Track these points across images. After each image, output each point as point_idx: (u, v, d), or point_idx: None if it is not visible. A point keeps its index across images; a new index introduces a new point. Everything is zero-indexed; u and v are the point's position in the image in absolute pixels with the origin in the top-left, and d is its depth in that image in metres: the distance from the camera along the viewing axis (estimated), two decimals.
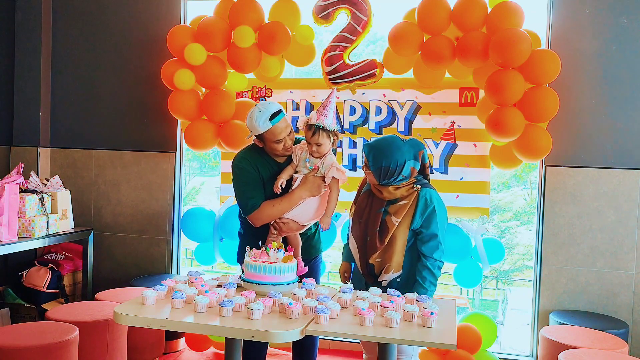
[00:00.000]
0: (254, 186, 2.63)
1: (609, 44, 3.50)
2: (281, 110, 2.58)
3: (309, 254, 2.80)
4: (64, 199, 3.79)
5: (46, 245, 3.69)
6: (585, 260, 3.54)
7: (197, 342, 3.81)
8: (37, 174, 4.15)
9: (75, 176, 4.36)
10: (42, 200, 3.60)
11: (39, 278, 3.90)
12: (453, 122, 3.65)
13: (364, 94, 3.77)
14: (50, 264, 4.00)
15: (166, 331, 3.62)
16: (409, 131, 3.71)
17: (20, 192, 3.45)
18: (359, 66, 3.63)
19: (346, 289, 2.34)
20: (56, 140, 4.41)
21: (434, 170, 3.64)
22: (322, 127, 2.55)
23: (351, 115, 3.80)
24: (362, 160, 3.75)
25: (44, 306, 3.82)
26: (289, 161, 2.71)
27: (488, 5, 3.31)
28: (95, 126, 4.35)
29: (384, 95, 3.75)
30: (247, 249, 2.49)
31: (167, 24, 4.06)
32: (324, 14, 3.64)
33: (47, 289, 3.89)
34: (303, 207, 2.64)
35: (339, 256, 2.85)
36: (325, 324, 2.04)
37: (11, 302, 3.89)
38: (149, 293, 2.22)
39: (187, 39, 3.72)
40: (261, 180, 2.65)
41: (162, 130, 4.19)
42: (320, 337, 3.03)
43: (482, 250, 3.50)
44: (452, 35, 3.40)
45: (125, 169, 4.28)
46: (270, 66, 3.75)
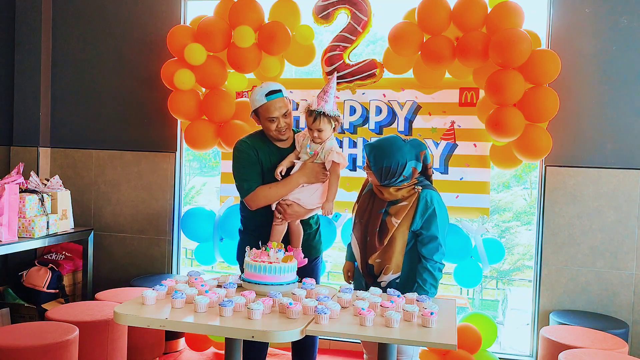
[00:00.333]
0: (252, 169, 2.66)
1: (609, 44, 3.50)
2: (281, 91, 2.63)
3: (310, 254, 2.79)
4: (64, 199, 3.79)
5: (46, 245, 3.69)
6: (585, 260, 3.54)
7: (197, 342, 3.81)
8: (37, 174, 4.15)
9: (75, 176, 4.36)
10: (42, 200, 3.60)
11: (39, 278, 3.90)
12: (453, 122, 3.65)
13: (364, 94, 3.77)
14: (50, 264, 4.00)
15: (166, 331, 3.62)
16: (409, 131, 3.71)
17: (20, 192, 3.45)
18: (359, 66, 3.63)
19: (346, 289, 2.35)
20: (56, 140, 4.41)
21: (434, 171, 3.64)
22: (323, 113, 2.56)
23: (351, 115, 3.80)
24: (363, 160, 3.76)
25: (44, 306, 3.82)
26: (291, 149, 2.73)
27: (488, 5, 3.31)
28: (95, 126, 4.35)
29: (384, 95, 3.75)
30: (247, 249, 2.49)
31: (167, 24, 4.06)
32: (324, 14, 3.64)
33: (47, 289, 3.89)
34: (308, 192, 2.64)
35: (339, 256, 2.86)
36: (325, 324, 2.04)
37: (11, 302, 3.89)
38: (149, 293, 2.22)
39: (187, 39, 3.72)
40: (259, 164, 2.67)
41: (162, 130, 4.19)
42: (320, 337, 3.03)
43: (482, 250, 3.50)
44: (452, 35, 3.40)
45: (125, 169, 4.28)
46: (270, 66, 3.75)
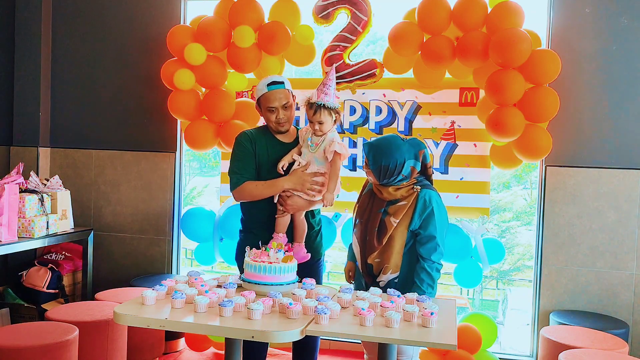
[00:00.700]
0: (244, 163, 2.69)
1: (609, 44, 3.50)
2: (283, 83, 2.69)
3: (311, 255, 2.79)
4: (64, 199, 3.79)
5: (46, 245, 3.69)
6: (586, 260, 3.54)
7: (197, 342, 3.81)
8: (37, 174, 4.15)
9: (75, 176, 4.36)
10: (42, 200, 3.60)
11: (39, 278, 3.90)
12: (453, 122, 3.65)
13: (364, 94, 3.77)
14: (50, 264, 3.99)
15: (166, 331, 3.62)
16: (409, 131, 3.71)
17: (20, 192, 3.45)
18: (359, 66, 3.63)
19: (346, 289, 2.34)
20: (56, 140, 4.41)
21: (433, 170, 3.63)
22: (323, 105, 2.58)
23: (351, 115, 3.80)
24: (363, 160, 3.76)
25: (43, 306, 3.81)
26: (293, 142, 2.75)
27: (488, 5, 3.31)
28: (95, 126, 4.35)
29: (384, 95, 3.75)
30: (247, 249, 2.49)
31: (167, 24, 4.06)
32: (324, 14, 3.64)
33: (47, 289, 3.89)
34: None
35: (339, 256, 2.85)
36: (325, 324, 2.04)
37: (11, 302, 3.89)
38: (149, 293, 2.22)
39: (187, 39, 3.72)
40: (255, 157, 2.69)
41: (162, 130, 4.19)
42: (320, 337, 3.03)
43: (482, 250, 3.50)
44: (452, 35, 3.40)
45: (125, 169, 4.27)
46: (270, 66, 3.75)
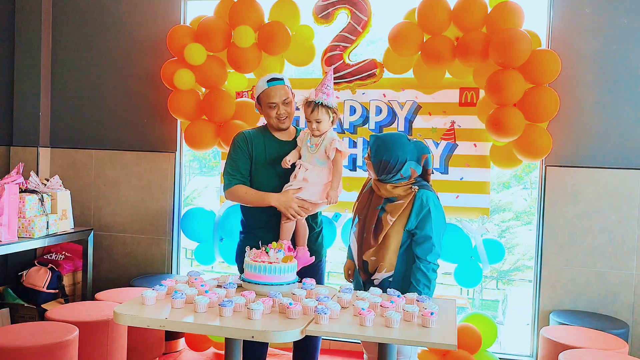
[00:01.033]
0: (239, 165, 2.72)
1: (609, 44, 3.50)
2: (283, 79, 2.72)
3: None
4: (64, 199, 3.79)
5: (46, 245, 3.69)
6: (586, 260, 3.54)
7: (197, 342, 3.81)
8: (37, 174, 4.15)
9: (75, 176, 4.36)
10: (42, 201, 3.59)
11: (39, 278, 3.90)
12: (453, 122, 3.65)
13: (364, 94, 3.77)
14: (50, 264, 3.99)
15: (166, 331, 3.62)
16: (409, 131, 3.71)
17: (20, 192, 3.45)
18: (359, 66, 3.63)
19: (346, 289, 2.35)
20: (56, 140, 4.41)
21: (433, 171, 3.64)
22: (321, 103, 2.59)
23: (351, 115, 3.80)
24: (363, 161, 3.76)
25: (43, 306, 3.81)
26: (292, 142, 2.77)
27: (488, 5, 3.31)
28: (95, 126, 4.34)
29: (384, 95, 3.75)
30: (247, 249, 2.49)
31: (167, 24, 4.06)
32: (324, 14, 3.64)
33: (47, 289, 3.89)
34: (312, 186, 2.64)
35: (339, 256, 2.85)
36: (325, 324, 2.04)
37: (11, 302, 3.89)
38: (149, 293, 2.22)
39: (187, 39, 3.72)
40: (249, 157, 2.72)
41: (162, 130, 4.19)
42: (320, 337, 3.03)
43: (482, 250, 3.50)
44: (452, 35, 3.40)
45: (125, 169, 4.27)
46: (270, 66, 3.75)
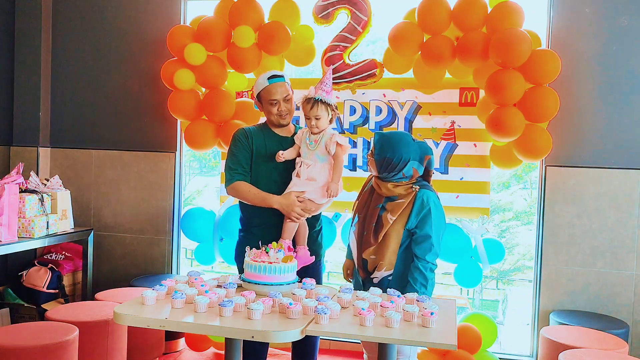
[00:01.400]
0: (240, 159, 2.73)
1: (609, 44, 3.50)
2: (283, 76, 2.74)
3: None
4: (64, 199, 3.79)
5: (46, 245, 3.69)
6: (586, 261, 3.54)
7: (197, 342, 3.81)
8: (37, 174, 4.15)
9: (75, 176, 4.36)
10: (42, 200, 3.59)
11: (39, 278, 3.90)
12: (453, 122, 3.65)
13: (364, 94, 3.77)
14: (50, 264, 3.99)
15: (166, 331, 3.62)
16: (409, 131, 3.70)
17: (20, 192, 3.45)
18: (359, 66, 3.63)
19: (346, 289, 2.35)
20: (56, 140, 4.41)
21: (434, 171, 3.63)
22: (320, 100, 2.59)
23: (351, 115, 3.80)
24: (364, 160, 3.76)
25: (43, 306, 3.81)
26: (291, 138, 2.77)
27: (488, 5, 3.31)
28: (95, 126, 4.34)
29: (384, 95, 3.75)
30: (247, 249, 2.49)
31: (167, 24, 4.06)
32: (324, 14, 3.64)
33: (47, 289, 3.89)
34: (314, 187, 2.64)
35: (339, 256, 2.85)
36: (325, 324, 2.04)
37: (11, 302, 3.89)
38: (149, 293, 2.22)
39: (187, 39, 3.72)
40: (250, 152, 2.73)
41: (162, 130, 4.19)
42: (320, 337, 3.03)
43: (482, 250, 3.50)
44: (452, 35, 3.40)
45: (125, 169, 4.27)
46: (270, 66, 3.74)
